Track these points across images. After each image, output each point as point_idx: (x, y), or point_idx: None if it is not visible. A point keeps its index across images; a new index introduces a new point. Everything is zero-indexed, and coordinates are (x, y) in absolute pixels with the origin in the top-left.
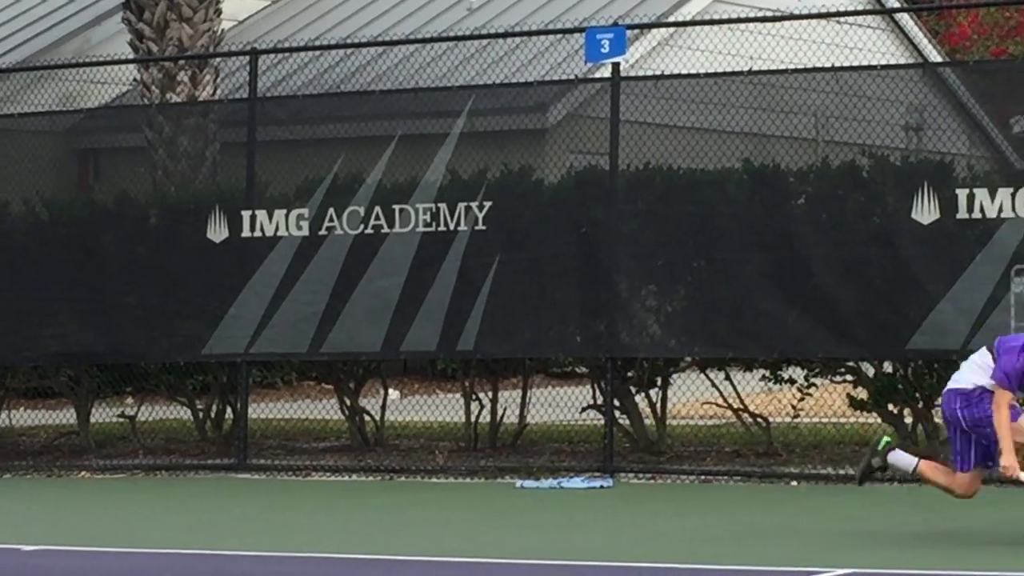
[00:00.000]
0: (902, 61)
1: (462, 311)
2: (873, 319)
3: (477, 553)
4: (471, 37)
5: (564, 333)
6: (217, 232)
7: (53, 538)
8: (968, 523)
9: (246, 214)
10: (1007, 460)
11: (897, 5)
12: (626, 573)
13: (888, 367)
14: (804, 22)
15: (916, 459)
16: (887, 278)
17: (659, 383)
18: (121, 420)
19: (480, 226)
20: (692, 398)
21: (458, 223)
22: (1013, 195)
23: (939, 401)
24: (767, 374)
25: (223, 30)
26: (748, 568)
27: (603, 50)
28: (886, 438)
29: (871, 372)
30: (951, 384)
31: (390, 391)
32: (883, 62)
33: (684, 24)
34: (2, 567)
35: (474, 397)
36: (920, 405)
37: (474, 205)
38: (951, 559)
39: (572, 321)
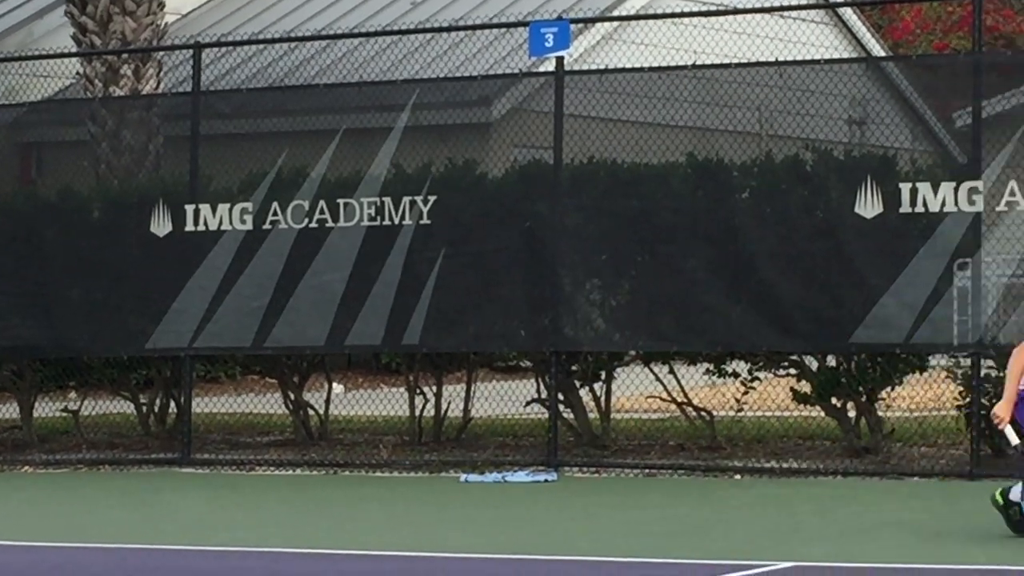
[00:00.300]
0: (846, 56)
1: (407, 305)
2: (816, 313)
3: (421, 547)
4: (415, 31)
5: (508, 327)
6: (161, 226)
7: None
8: (911, 515)
9: (190, 208)
10: (999, 408)
11: (840, 0)
12: (570, 567)
13: (831, 361)
14: (748, 17)
15: None
16: (830, 272)
17: (603, 377)
18: (64, 414)
19: (425, 220)
20: (636, 392)
21: (403, 217)
22: (956, 189)
23: (882, 395)
24: (711, 368)
25: (166, 24)
26: (692, 562)
27: (547, 44)
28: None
29: (815, 366)
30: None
31: (334, 385)
32: (827, 57)
33: (628, 18)
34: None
35: (418, 391)
36: (863, 399)
37: (419, 199)
38: (893, 552)
39: (516, 315)
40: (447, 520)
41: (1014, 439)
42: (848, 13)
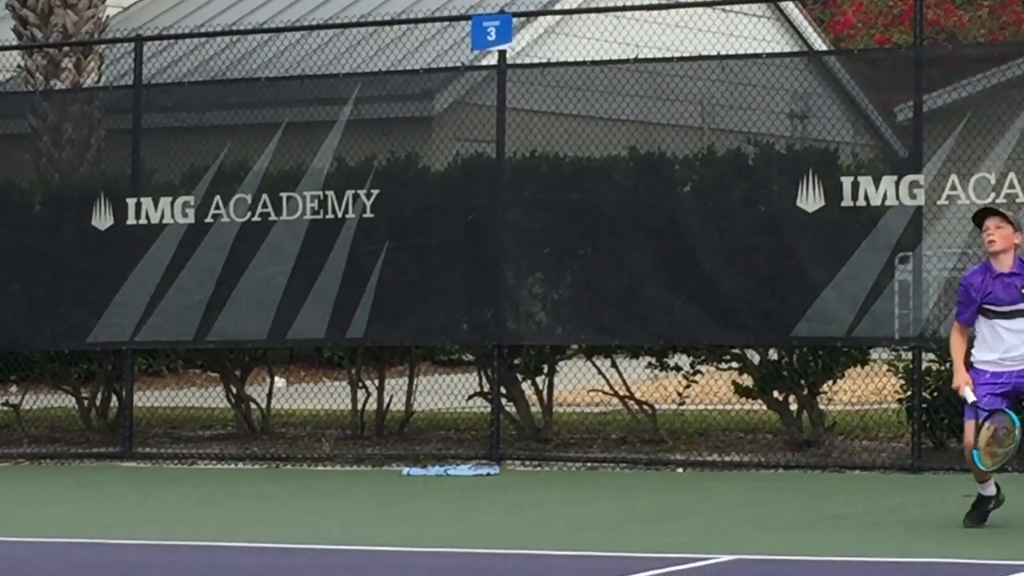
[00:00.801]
0: (788, 50)
1: (351, 299)
2: (758, 306)
3: (363, 541)
4: (357, 24)
5: (451, 321)
6: (102, 219)
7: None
8: (853, 508)
9: (131, 201)
10: (955, 379)
11: None
12: (513, 560)
13: (773, 354)
14: (690, 10)
15: None
16: (772, 265)
17: (545, 370)
18: (5, 408)
19: (368, 214)
20: (578, 385)
21: (346, 211)
22: (897, 183)
23: (824, 388)
24: (653, 361)
25: (108, 16)
26: (634, 555)
27: (489, 38)
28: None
29: (756, 359)
30: None
31: (276, 379)
32: (769, 50)
33: (570, 12)
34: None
35: (361, 385)
36: (805, 392)
37: (362, 193)
38: (835, 545)
39: (459, 309)
40: (389, 514)
41: (971, 396)
42: (790, 7)
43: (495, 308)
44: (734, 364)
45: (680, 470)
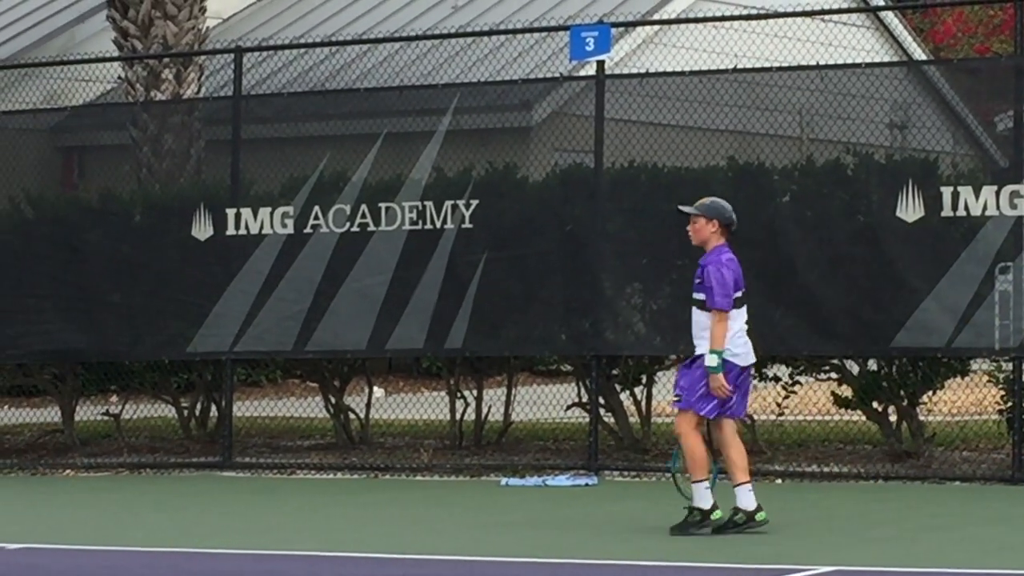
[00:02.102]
0: (887, 59)
1: (449, 309)
2: (858, 317)
3: (461, 551)
4: (456, 35)
5: (549, 331)
6: (202, 230)
7: (38, 536)
8: (952, 520)
9: (231, 212)
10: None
11: (882, 3)
12: (610, 571)
13: (873, 365)
14: (789, 20)
15: None
16: (872, 276)
17: (644, 381)
18: (106, 418)
19: (467, 224)
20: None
21: (444, 221)
22: (997, 193)
23: (924, 399)
24: (752, 372)
25: (208, 28)
26: (732, 566)
27: (588, 48)
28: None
29: (856, 370)
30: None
31: (375, 389)
32: (868, 60)
33: (669, 22)
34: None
35: (459, 395)
36: (905, 403)
37: (460, 203)
38: (935, 556)
39: (557, 319)
40: (487, 524)
41: None
42: (889, 16)
43: (593, 318)
44: (833, 375)
45: (779, 481)
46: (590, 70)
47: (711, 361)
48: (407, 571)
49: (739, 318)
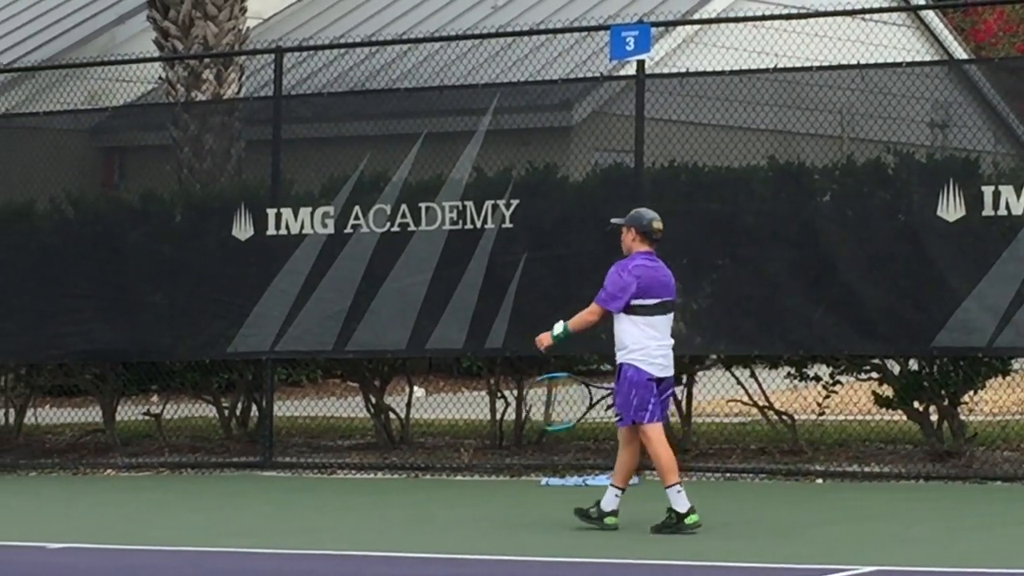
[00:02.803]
0: (927, 58)
1: (489, 309)
2: (898, 316)
3: (501, 551)
4: (496, 35)
5: (590, 331)
6: (242, 230)
7: (78, 536)
8: (994, 519)
9: (271, 212)
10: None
11: (922, 2)
12: (648, 571)
13: (914, 364)
14: (829, 19)
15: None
16: (912, 275)
17: (684, 381)
18: (147, 418)
19: (507, 224)
20: (717, 395)
21: (485, 221)
22: None
23: (965, 398)
24: (792, 371)
25: (248, 28)
26: (773, 566)
27: (628, 48)
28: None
29: (896, 370)
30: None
31: (415, 389)
32: (908, 59)
33: (709, 21)
34: (28, 564)
35: (499, 395)
36: (946, 403)
37: (501, 203)
38: (976, 556)
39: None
40: (528, 524)
41: None
42: (930, 16)
43: None
44: (874, 375)
45: (820, 481)
46: (630, 70)
47: (557, 329)
48: (448, 571)
49: (660, 327)
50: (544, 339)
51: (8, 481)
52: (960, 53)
